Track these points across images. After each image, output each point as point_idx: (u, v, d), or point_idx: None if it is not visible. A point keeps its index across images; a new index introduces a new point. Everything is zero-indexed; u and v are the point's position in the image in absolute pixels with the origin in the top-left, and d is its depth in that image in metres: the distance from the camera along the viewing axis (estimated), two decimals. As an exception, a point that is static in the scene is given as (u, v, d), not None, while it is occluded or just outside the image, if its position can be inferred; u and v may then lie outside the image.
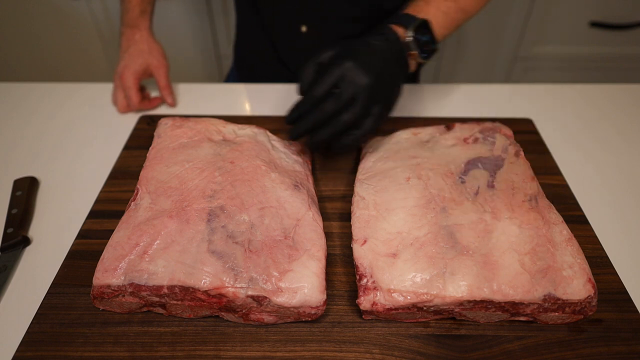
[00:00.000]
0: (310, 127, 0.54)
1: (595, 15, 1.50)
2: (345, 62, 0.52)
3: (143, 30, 0.79)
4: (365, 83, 0.51)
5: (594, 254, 0.53)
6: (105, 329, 0.46)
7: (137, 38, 0.79)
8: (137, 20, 0.79)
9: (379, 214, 0.50)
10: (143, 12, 0.80)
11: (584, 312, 0.45)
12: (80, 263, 0.52)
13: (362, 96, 0.51)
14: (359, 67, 0.51)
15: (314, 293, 0.44)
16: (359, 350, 0.44)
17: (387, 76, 0.54)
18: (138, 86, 0.77)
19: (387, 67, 0.54)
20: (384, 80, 0.53)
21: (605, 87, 0.85)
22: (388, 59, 0.54)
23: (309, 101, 0.53)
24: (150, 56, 0.78)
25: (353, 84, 0.51)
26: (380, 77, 0.52)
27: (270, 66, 0.96)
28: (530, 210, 0.50)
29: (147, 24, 0.80)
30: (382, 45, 0.55)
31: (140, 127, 0.73)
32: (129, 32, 0.79)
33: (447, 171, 0.54)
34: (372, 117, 0.53)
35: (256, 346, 0.45)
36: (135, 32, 0.79)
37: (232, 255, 0.45)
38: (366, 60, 0.52)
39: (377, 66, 0.52)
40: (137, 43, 0.78)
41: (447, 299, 0.43)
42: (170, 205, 0.49)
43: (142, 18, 0.80)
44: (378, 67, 0.52)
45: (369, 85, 0.51)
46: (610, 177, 0.66)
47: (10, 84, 0.85)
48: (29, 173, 0.65)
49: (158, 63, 0.78)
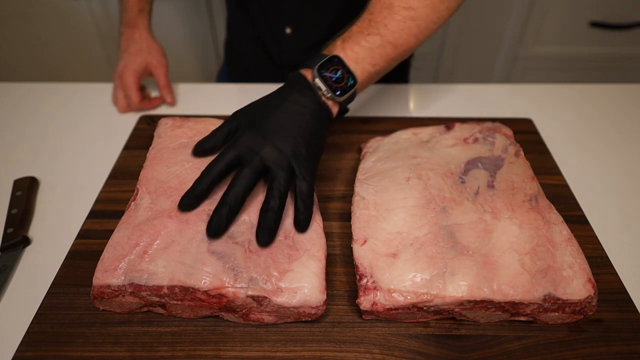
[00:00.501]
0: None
1: (595, 15, 1.51)
2: (262, 150, 0.47)
3: (142, 29, 0.80)
4: (287, 162, 0.47)
5: (594, 254, 0.53)
6: (105, 329, 0.46)
7: (136, 37, 0.79)
8: (135, 19, 0.79)
9: (379, 214, 0.50)
10: (141, 11, 0.80)
11: (584, 312, 0.45)
12: (80, 263, 0.52)
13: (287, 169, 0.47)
14: (274, 148, 0.47)
15: (314, 293, 0.44)
16: (359, 350, 0.44)
17: (309, 142, 0.49)
18: (138, 85, 0.77)
19: (307, 131, 0.49)
20: (309, 148, 0.49)
21: (605, 87, 0.85)
22: (305, 121, 0.50)
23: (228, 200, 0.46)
24: (149, 55, 0.78)
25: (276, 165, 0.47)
26: (306, 147, 0.48)
27: (261, 64, 0.96)
28: (530, 210, 0.50)
29: (145, 23, 0.81)
30: (293, 105, 0.50)
31: (140, 127, 0.73)
32: (128, 31, 0.79)
33: (447, 171, 0.54)
34: (305, 181, 0.48)
35: (256, 346, 0.45)
36: (134, 32, 0.79)
37: (232, 256, 0.45)
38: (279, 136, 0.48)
39: (300, 140, 0.48)
40: (137, 42, 0.78)
41: (447, 299, 0.43)
42: (171, 205, 0.49)
43: (140, 17, 0.80)
44: (303, 138, 0.48)
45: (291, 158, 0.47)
46: (610, 177, 0.66)
47: (10, 84, 0.85)
48: (29, 173, 0.65)
49: (157, 62, 0.78)
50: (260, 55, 0.95)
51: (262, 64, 0.96)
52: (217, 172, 0.47)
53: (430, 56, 1.65)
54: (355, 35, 0.54)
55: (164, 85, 0.79)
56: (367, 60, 0.53)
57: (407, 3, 0.55)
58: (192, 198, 0.48)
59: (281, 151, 0.47)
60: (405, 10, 0.54)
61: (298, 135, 0.49)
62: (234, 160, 0.48)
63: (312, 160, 0.50)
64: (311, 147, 0.49)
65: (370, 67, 0.54)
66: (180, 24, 1.55)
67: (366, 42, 0.53)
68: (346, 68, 0.52)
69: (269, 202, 0.46)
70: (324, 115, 0.52)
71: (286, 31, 0.87)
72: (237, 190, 0.46)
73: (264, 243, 0.46)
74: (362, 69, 0.53)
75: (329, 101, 0.52)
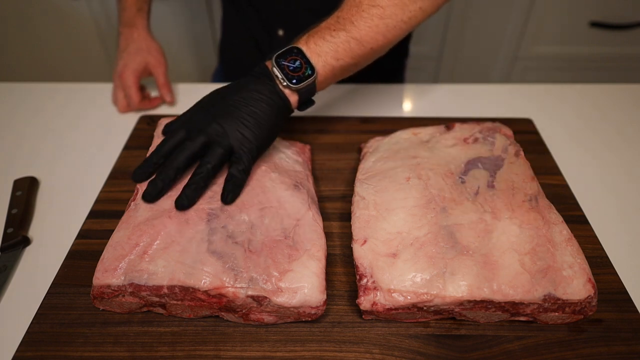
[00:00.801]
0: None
1: (595, 15, 1.50)
2: (208, 127, 0.51)
3: (140, 28, 0.79)
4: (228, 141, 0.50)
5: (594, 254, 0.53)
6: (105, 329, 0.46)
7: (135, 37, 0.79)
8: (134, 18, 0.79)
9: (379, 214, 0.50)
10: (140, 10, 0.80)
11: (584, 312, 0.45)
12: (80, 263, 0.52)
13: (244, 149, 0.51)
14: (219, 126, 0.51)
15: (314, 293, 0.44)
16: (359, 350, 0.44)
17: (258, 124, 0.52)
18: (138, 85, 0.77)
19: (257, 115, 0.52)
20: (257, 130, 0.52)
21: (605, 87, 0.85)
22: (257, 107, 0.52)
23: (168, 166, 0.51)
24: (149, 55, 0.78)
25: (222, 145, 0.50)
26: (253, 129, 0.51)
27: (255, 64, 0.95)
28: (530, 210, 0.50)
29: (144, 22, 0.80)
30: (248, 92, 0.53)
31: (140, 127, 0.73)
32: (126, 31, 0.79)
33: (447, 171, 0.54)
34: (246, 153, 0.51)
35: (256, 346, 0.45)
36: (133, 31, 0.79)
37: (232, 255, 0.45)
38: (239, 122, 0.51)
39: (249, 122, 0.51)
40: (135, 42, 0.78)
41: (447, 299, 0.43)
42: (170, 205, 0.49)
43: (139, 16, 0.79)
44: (251, 120, 0.51)
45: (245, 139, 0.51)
46: (610, 177, 0.66)
47: (10, 84, 0.85)
48: (29, 173, 0.65)
49: (156, 61, 0.78)
50: (255, 56, 0.95)
51: (256, 64, 0.96)
52: (168, 149, 0.51)
53: (430, 56, 1.65)
54: (322, 30, 0.56)
55: (163, 84, 0.79)
56: (330, 54, 0.55)
57: (374, 1, 0.56)
58: (143, 169, 0.51)
59: (225, 130, 0.50)
60: (372, 8, 0.55)
61: (248, 118, 0.51)
62: (182, 138, 0.51)
63: (257, 144, 0.52)
64: (260, 131, 0.52)
65: (334, 61, 0.55)
66: (179, 24, 1.55)
67: (331, 37, 0.55)
68: (305, 59, 0.54)
69: (198, 168, 0.50)
70: (281, 104, 0.54)
71: (279, 33, 0.87)
72: (177, 160, 0.50)
73: (180, 206, 0.48)
74: (325, 62, 0.55)
75: (285, 89, 0.54)
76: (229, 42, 1.01)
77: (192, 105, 0.56)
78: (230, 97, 0.53)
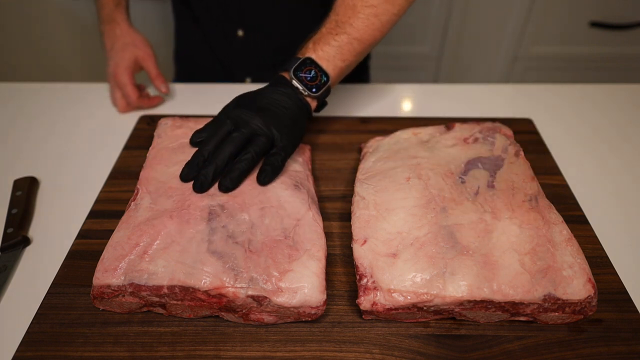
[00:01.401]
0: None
1: (595, 15, 1.50)
2: (252, 120, 0.53)
3: (121, 23, 0.78)
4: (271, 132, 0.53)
5: (594, 254, 0.53)
6: (105, 329, 0.46)
7: (118, 33, 0.78)
8: (113, 14, 0.78)
9: (379, 214, 0.50)
10: (118, 5, 0.79)
11: (584, 312, 0.45)
12: (80, 263, 0.52)
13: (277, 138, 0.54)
14: (262, 120, 0.53)
15: (314, 293, 0.44)
16: (359, 350, 0.44)
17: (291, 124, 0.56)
18: (133, 82, 0.76)
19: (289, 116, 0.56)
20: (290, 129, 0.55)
21: (605, 87, 0.85)
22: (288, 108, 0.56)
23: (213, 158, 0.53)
24: (135, 48, 0.77)
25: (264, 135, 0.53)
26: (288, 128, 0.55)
27: (211, 72, 0.96)
28: (530, 210, 0.50)
29: (124, 17, 0.79)
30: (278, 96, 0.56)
31: (140, 127, 0.73)
32: (108, 28, 0.79)
33: (447, 171, 0.54)
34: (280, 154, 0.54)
35: (256, 346, 0.45)
36: (114, 27, 0.78)
37: (232, 255, 0.45)
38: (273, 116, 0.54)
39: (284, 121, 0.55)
40: (120, 38, 0.77)
41: (447, 299, 0.43)
42: (171, 205, 0.49)
43: (117, 11, 0.79)
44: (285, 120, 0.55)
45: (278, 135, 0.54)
46: (610, 177, 0.66)
47: (10, 84, 0.85)
48: (29, 173, 0.65)
49: (144, 54, 0.77)
50: (211, 62, 0.95)
51: (212, 71, 0.96)
52: (217, 141, 0.53)
53: (430, 56, 1.65)
54: (325, 36, 0.60)
55: (156, 76, 0.78)
56: (338, 57, 0.59)
57: (368, 2, 0.60)
58: (194, 163, 0.52)
59: (268, 123, 0.53)
60: (367, 8, 0.60)
61: (283, 115, 0.55)
62: (229, 130, 0.54)
63: (294, 141, 0.56)
64: (295, 130, 0.56)
65: (341, 63, 0.60)
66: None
67: (335, 41, 0.59)
68: (319, 67, 0.58)
69: (243, 155, 0.52)
70: (304, 109, 0.58)
71: (238, 34, 0.87)
72: (225, 151, 0.52)
73: (224, 188, 0.50)
74: (334, 65, 0.59)
75: (307, 98, 0.58)
76: (184, 52, 1.00)
77: (226, 106, 0.58)
78: (265, 97, 0.56)
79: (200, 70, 0.98)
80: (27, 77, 1.65)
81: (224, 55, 0.92)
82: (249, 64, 0.92)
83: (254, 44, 0.89)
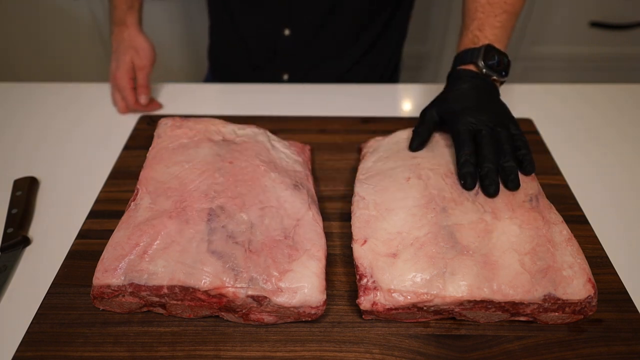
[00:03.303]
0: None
1: (595, 15, 1.50)
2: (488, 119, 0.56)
3: (131, 27, 0.79)
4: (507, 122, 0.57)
5: (594, 254, 0.53)
6: (105, 329, 0.46)
7: (125, 36, 0.78)
8: (124, 17, 0.78)
9: (379, 214, 0.50)
10: (130, 8, 0.79)
11: (584, 312, 0.45)
12: (80, 263, 0.52)
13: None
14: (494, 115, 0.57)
15: (314, 293, 0.44)
16: (359, 350, 0.44)
17: (502, 110, 0.59)
18: (132, 85, 0.76)
19: (494, 101, 0.59)
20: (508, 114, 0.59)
21: (605, 87, 0.85)
22: (489, 95, 0.60)
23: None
24: (135, 54, 0.77)
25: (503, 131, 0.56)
26: (507, 114, 0.59)
27: (244, 69, 0.97)
28: (530, 210, 0.50)
29: (134, 20, 0.79)
30: (478, 86, 0.59)
31: (140, 127, 0.73)
32: (117, 30, 0.79)
33: (447, 171, 0.54)
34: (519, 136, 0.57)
35: (256, 346, 0.45)
36: (123, 30, 0.78)
37: (232, 255, 0.45)
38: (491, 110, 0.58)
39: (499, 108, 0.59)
40: (125, 41, 0.78)
41: (447, 299, 0.43)
42: (170, 205, 0.49)
43: (129, 14, 0.79)
44: (500, 108, 0.59)
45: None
46: (610, 177, 0.66)
47: (11, 84, 0.85)
48: (29, 173, 0.65)
49: (140, 62, 0.77)
50: (244, 61, 0.95)
51: (245, 68, 0.96)
52: (469, 144, 0.54)
53: (430, 56, 1.65)
54: (488, 20, 0.62)
55: (141, 85, 0.77)
56: (505, 35, 0.63)
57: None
58: (471, 169, 0.53)
59: (499, 117, 0.56)
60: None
61: (499, 105, 0.59)
62: (470, 132, 0.55)
63: (515, 121, 0.58)
64: (508, 112, 0.59)
65: (507, 40, 0.64)
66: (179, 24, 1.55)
67: (498, 22, 0.62)
68: (498, 51, 0.61)
69: (505, 155, 0.53)
70: (497, 92, 0.61)
71: (285, 32, 0.87)
72: (490, 152, 0.53)
73: (514, 186, 0.51)
74: (504, 44, 0.63)
75: (496, 82, 0.62)
76: (219, 49, 1.01)
77: (454, 118, 0.57)
78: (473, 96, 0.59)
79: (234, 68, 0.99)
80: (26, 77, 1.65)
81: (263, 53, 0.92)
82: (290, 63, 0.93)
83: (300, 43, 0.89)
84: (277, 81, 0.92)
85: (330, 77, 0.91)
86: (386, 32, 0.92)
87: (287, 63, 0.93)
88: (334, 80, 0.89)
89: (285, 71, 0.94)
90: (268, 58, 0.93)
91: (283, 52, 0.91)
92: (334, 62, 0.93)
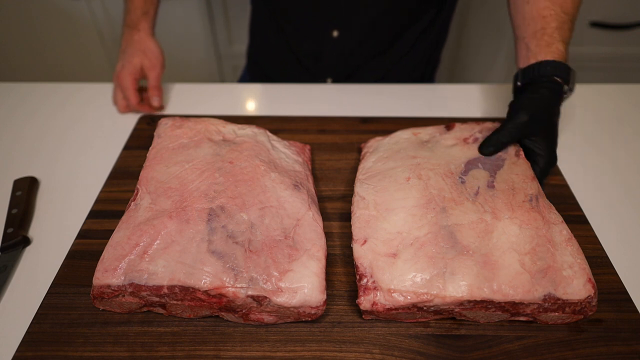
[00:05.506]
0: None
1: (595, 15, 1.50)
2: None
3: (142, 31, 0.79)
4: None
5: (594, 254, 0.53)
6: (105, 329, 0.46)
7: (135, 39, 0.79)
8: (137, 21, 0.79)
9: (379, 214, 0.50)
10: (145, 13, 0.80)
11: (584, 312, 0.45)
12: (80, 263, 0.52)
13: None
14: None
15: (314, 293, 0.44)
16: (359, 350, 0.44)
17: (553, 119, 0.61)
18: (136, 86, 0.77)
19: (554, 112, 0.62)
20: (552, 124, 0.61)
21: (605, 87, 0.85)
22: (555, 107, 0.62)
23: None
24: (144, 57, 0.78)
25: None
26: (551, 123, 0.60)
27: (288, 70, 0.97)
28: (530, 210, 0.50)
29: (147, 25, 0.80)
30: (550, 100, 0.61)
31: (140, 127, 0.73)
32: (128, 32, 0.79)
33: (447, 171, 0.54)
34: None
35: (256, 346, 0.45)
36: (134, 33, 0.79)
37: (232, 255, 0.45)
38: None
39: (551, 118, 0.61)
40: (134, 44, 0.78)
41: (447, 299, 0.43)
42: (171, 205, 0.49)
43: (143, 20, 0.79)
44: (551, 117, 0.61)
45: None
46: (610, 177, 0.66)
47: (11, 84, 0.85)
48: (29, 173, 0.65)
49: (151, 64, 0.78)
50: (288, 62, 0.95)
51: (289, 70, 0.97)
52: None
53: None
54: (553, 31, 0.63)
55: (153, 87, 0.78)
56: (564, 44, 0.63)
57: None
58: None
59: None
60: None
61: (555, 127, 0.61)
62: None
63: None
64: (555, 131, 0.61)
65: (566, 45, 0.64)
66: (181, 24, 1.55)
67: (567, 29, 0.64)
68: (566, 65, 0.62)
69: None
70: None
71: (333, 34, 0.88)
72: None
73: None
74: (566, 56, 0.63)
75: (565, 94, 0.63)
76: (259, 49, 1.01)
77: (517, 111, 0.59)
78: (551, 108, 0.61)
79: (274, 68, 0.99)
80: (26, 77, 1.65)
81: (308, 54, 0.93)
82: (336, 65, 0.93)
83: (348, 45, 0.89)
84: (319, 82, 0.93)
85: (371, 78, 0.92)
86: (428, 32, 0.92)
87: (331, 65, 0.93)
88: (375, 80, 0.90)
89: (328, 73, 0.95)
90: (314, 59, 0.93)
91: (329, 54, 0.91)
92: (376, 63, 0.93)
